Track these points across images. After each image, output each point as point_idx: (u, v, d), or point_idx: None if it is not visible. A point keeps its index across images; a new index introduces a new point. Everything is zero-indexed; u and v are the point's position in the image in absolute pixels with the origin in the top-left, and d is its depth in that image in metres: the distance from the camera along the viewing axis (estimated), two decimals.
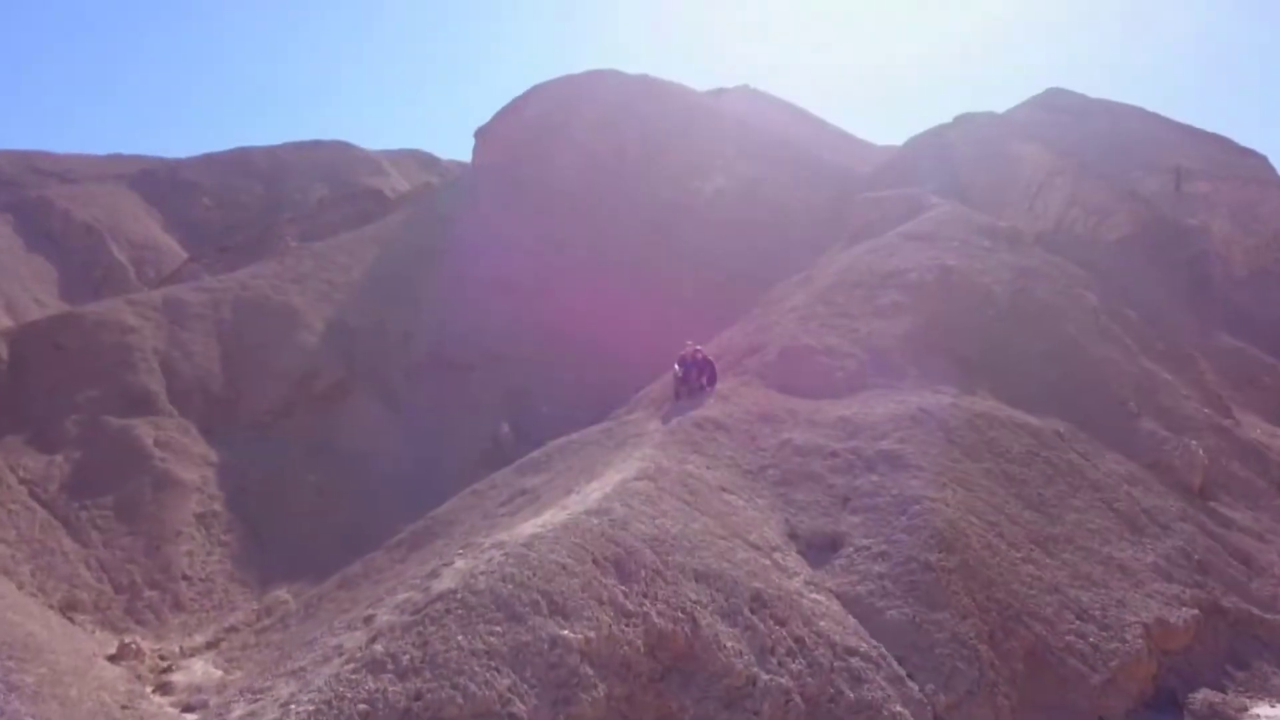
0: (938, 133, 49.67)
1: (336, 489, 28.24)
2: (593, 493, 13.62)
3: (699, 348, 19.90)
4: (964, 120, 44.14)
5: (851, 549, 14.06)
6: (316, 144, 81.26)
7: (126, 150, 77.72)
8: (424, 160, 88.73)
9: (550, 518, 12.47)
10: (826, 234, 41.31)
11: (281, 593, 23.90)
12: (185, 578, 23.38)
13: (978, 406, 19.12)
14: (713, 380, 19.57)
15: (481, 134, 53.88)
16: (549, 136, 51.04)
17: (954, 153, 41.40)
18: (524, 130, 52.09)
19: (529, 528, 11.89)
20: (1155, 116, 62.29)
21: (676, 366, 19.61)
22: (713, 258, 42.20)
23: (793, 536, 14.46)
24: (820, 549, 14.33)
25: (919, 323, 22.17)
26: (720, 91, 66.53)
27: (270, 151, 78.13)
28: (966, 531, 14.40)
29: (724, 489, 14.96)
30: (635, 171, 48.87)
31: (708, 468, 15.57)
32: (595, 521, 12.07)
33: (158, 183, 70.06)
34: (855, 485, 15.60)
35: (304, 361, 32.47)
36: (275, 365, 32.03)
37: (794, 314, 22.72)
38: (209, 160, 75.20)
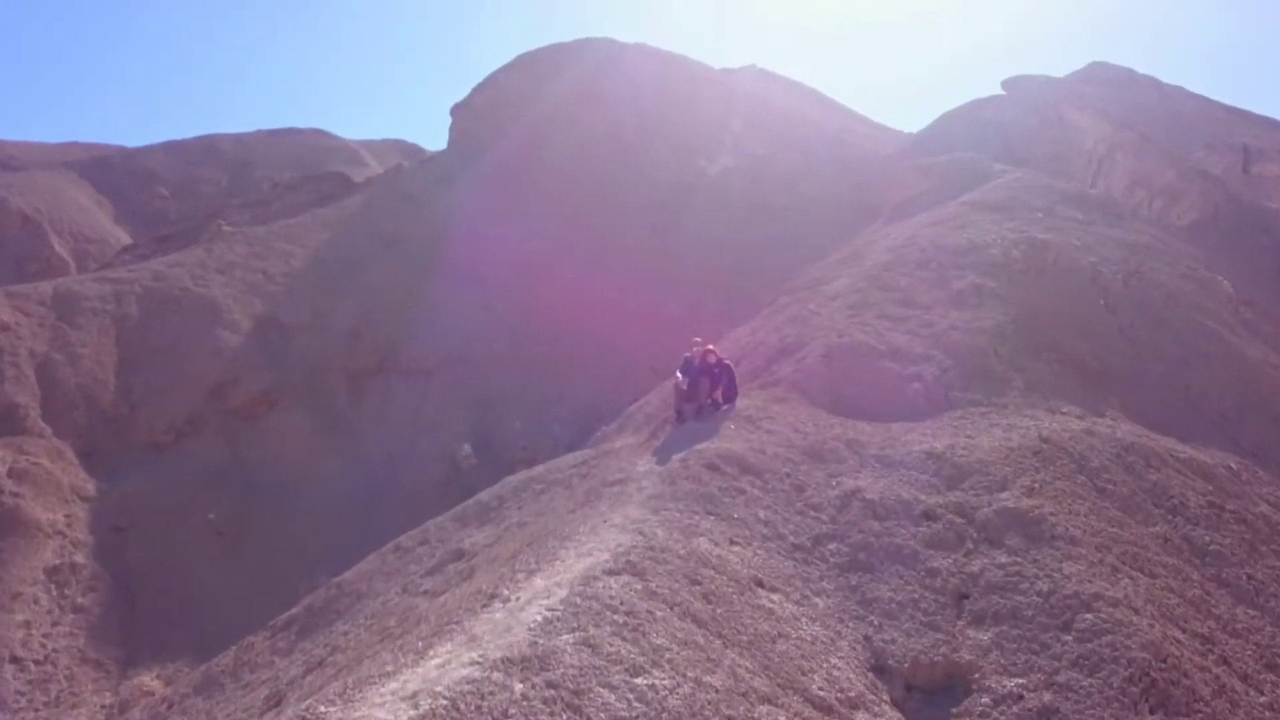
0: (976, 107, 43.64)
1: (244, 529, 22.23)
2: (530, 605, 7.56)
3: (711, 348, 13.88)
4: (1016, 84, 38.11)
5: (987, 699, 8.00)
6: (289, 131, 75.34)
7: (94, 140, 71.54)
8: (407, 150, 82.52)
9: (437, 674, 6.42)
10: (850, 217, 35.29)
11: (148, 678, 17.87)
12: (15, 660, 17.32)
13: (1120, 434, 13.06)
14: (731, 394, 13.55)
15: (459, 110, 47.90)
16: (535, 110, 45.04)
17: (1005, 120, 35.37)
18: (506, 104, 46.11)
19: (382, 715, 5.84)
20: (1200, 96, 56.48)
21: (679, 375, 13.58)
22: (720, 245, 36.14)
23: (880, 671, 8.41)
24: (930, 695, 8.28)
25: (1011, 314, 16.14)
26: (726, 72, 60.60)
27: (238, 139, 72.20)
28: (1181, 663, 8.33)
29: (759, 583, 8.91)
30: (632, 149, 42.83)
31: (731, 543, 9.52)
32: (518, 690, 6.03)
33: (111, 171, 64.05)
34: (974, 572, 9.54)
35: (221, 366, 26.46)
36: (185, 371, 26.03)
37: (840, 302, 16.69)
38: (170, 148, 69.19)
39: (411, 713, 5.79)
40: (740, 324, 24.42)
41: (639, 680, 6.48)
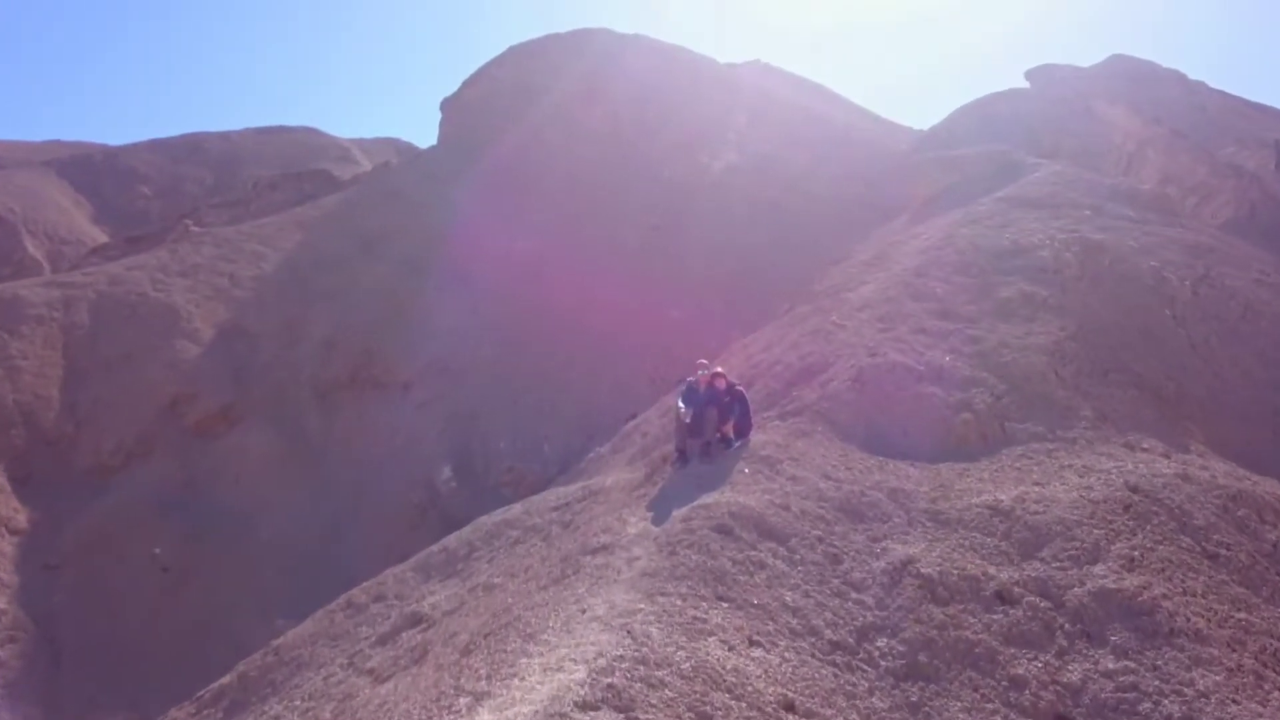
0: (992, 101, 41.29)
1: (193, 565, 19.89)
2: None
3: (719, 371, 11.51)
4: (1041, 74, 35.75)
5: None
6: (279, 129, 73.07)
7: (79, 139, 69.29)
8: (402, 149, 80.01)
9: None
10: (863, 217, 33.07)
11: None
12: None
13: (1219, 478, 10.70)
14: (745, 428, 11.19)
15: (449, 104, 45.60)
16: (528, 104, 42.73)
17: (1029, 112, 33.02)
18: (498, 98, 43.80)
19: None
20: (1223, 92, 54.12)
21: (680, 404, 11.19)
22: (724, 246, 33.82)
23: None
24: None
25: (1070, 328, 13.79)
26: (730, 67, 58.23)
27: (225, 137, 69.90)
28: None
29: (790, 707, 6.55)
30: (630, 145, 40.51)
31: (750, 643, 7.16)
32: None
33: (92, 170, 61.71)
34: (1073, 683, 7.18)
35: (177, 379, 24.11)
36: (137, 385, 23.70)
37: (868, 313, 14.34)
38: (155, 146, 66.82)
39: None
40: (748, 329, 22.10)
41: None
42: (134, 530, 20.07)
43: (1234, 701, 6.81)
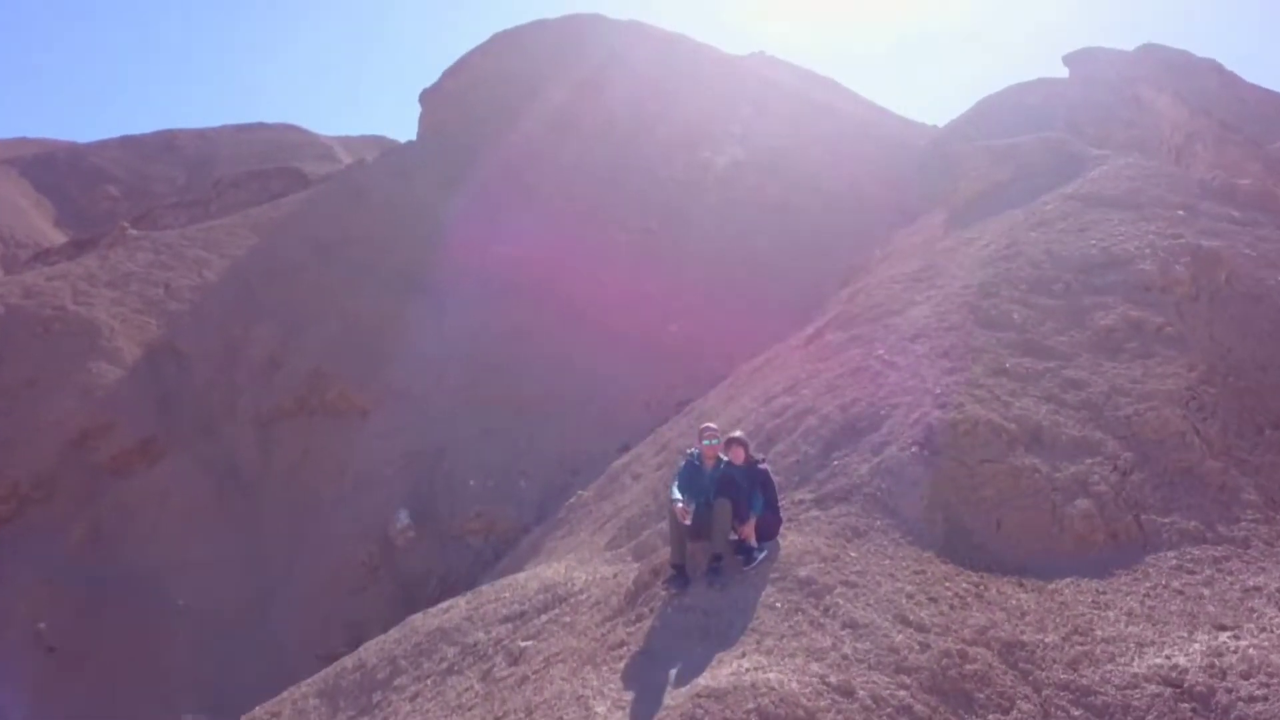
0: (1021, 91, 37.88)
1: (87, 643, 16.36)
2: None
3: (736, 437, 7.96)
4: (1082, 59, 32.30)
5: None
6: (258, 126, 69.62)
7: (47, 136, 65.89)
8: (387, 147, 77.00)
9: None
10: (885, 217, 29.67)
11: None
12: None
13: None
14: (771, 526, 7.68)
15: (428, 95, 42.19)
16: (514, 96, 39.28)
17: (1070, 101, 29.60)
18: (482, 89, 40.38)
19: None
20: (1258, 86, 50.65)
21: (675, 493, 7.62)
22: (728, 251, 30.40)
23: None
24: None
25: (1199, 367, 10.30)
26: (733, 58, 54.75)
27: (201, 134, 66.50)
28: None
29: None
30: (625, 140, 37.05)
31: None
32: None
33: (56, 169, 58.29)
34: None
35: (90, 409, 20.60)
36: (41, 416, 20.20)
37: (926, 345, 10.84)
38: (125, 144, 63.40)
39: None
40: (757, 349, 18.65)
41: None
42: (15, 598, 16.57)
43: None
